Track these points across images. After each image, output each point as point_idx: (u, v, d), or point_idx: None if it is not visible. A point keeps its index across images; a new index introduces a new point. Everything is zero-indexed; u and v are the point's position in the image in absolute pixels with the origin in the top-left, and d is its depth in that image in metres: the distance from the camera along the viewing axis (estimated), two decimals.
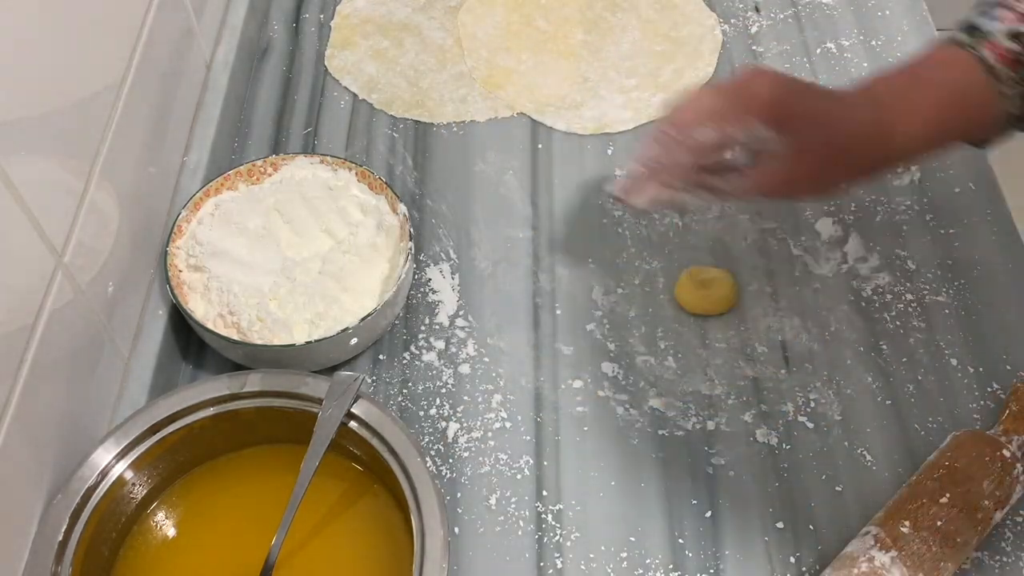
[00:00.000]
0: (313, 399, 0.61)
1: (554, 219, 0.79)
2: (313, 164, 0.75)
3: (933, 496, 0.61)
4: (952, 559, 0.60)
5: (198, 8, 0.82)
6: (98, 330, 0.64)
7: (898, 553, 0.59)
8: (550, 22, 0.92)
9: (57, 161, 0.59)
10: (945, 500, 0.61)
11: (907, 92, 0.64)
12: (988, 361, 0.71)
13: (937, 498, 0.61)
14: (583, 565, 0.62)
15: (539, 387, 0.70)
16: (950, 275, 0.75)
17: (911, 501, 0.61)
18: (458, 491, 0.65)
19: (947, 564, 0.59)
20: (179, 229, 0.71)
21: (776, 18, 0.93)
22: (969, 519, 0.60)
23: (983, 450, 0.63)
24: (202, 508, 0.63)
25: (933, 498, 0.61)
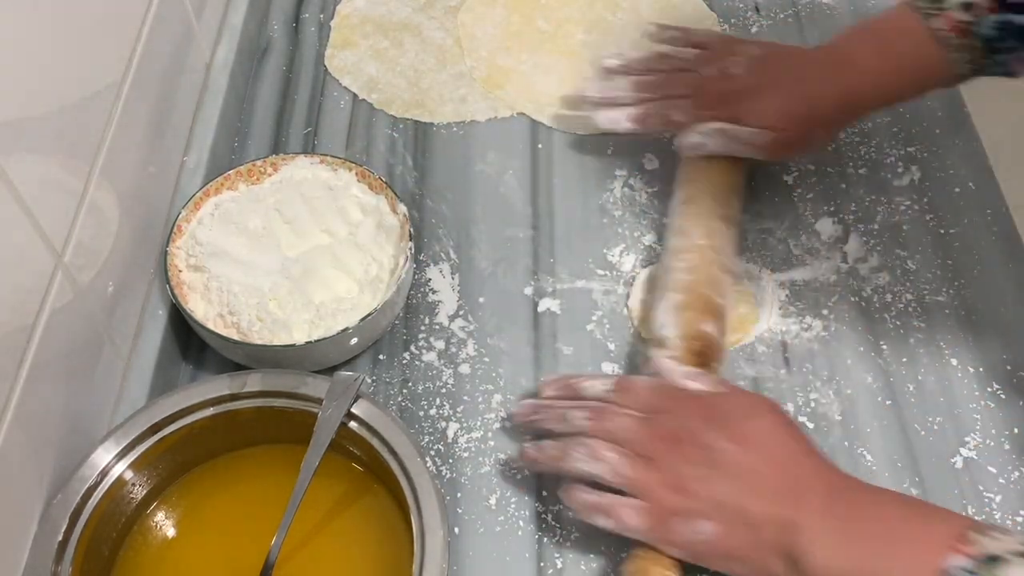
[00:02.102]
0: (313, 399, 0.61)
1: (554, 219, 0.79)
2: (313, 164, 0.75)
3: None
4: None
5: (198, 8, 0.82)
6: (98, 330, 0.64)
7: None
8: (550, 22, 0.92)
9: (57, 161, 0.59)
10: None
11: (868, 57, 0.72)
12: (988, 361, 0.71)
13: None
14: (583, 565, 0.62)
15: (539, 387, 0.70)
16: (950, 275, 0.75)
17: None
18: (458, 491, 0.65)
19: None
20: (179, 229, 0.71)
21: (776, 18, 0.93)
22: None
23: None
24: (202, 508, 0.63)
25: None
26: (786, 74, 0.75)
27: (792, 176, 0.81)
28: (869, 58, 0.72)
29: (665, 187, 0.80)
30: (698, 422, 0.58)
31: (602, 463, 0.58)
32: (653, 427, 0.59)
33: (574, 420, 0.61)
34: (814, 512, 0.54)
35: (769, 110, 0.73)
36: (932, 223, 0.78)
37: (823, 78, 0.73)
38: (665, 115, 0.76)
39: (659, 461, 0.57)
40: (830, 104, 0.73)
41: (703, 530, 0.55)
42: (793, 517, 0.54)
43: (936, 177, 0.81)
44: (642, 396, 0.61)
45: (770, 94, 0.73)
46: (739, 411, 0.59)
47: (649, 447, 0.58)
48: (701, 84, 0.76)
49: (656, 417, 0.59)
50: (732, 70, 0.75)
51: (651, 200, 0.80)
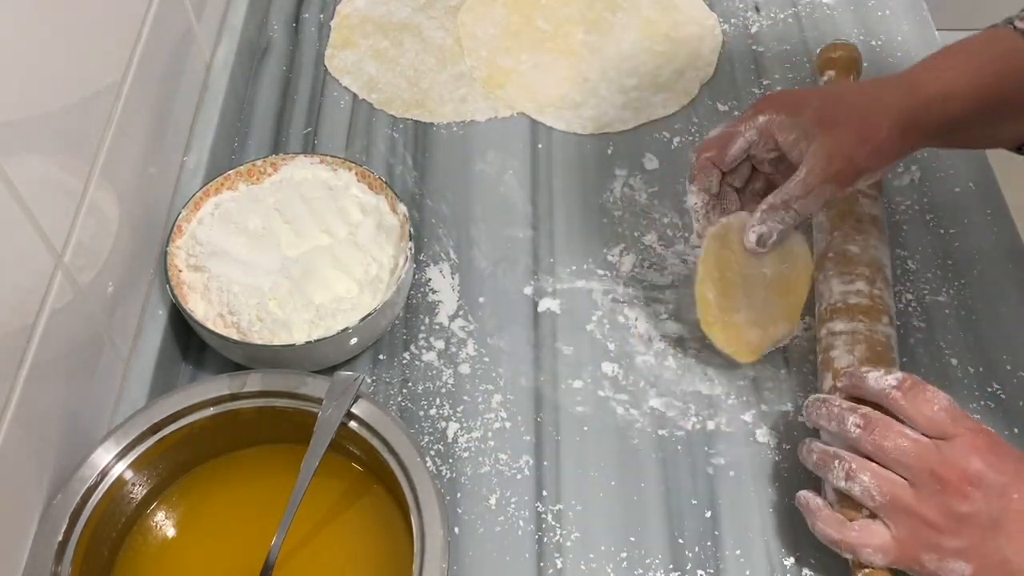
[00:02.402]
0: (313, 399, 0.61)
1: (554, 219, 0.79)
2: (313, 164, 0.75)
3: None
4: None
5: (198, 8, 0.82)
6: (98, 330, 0.64)
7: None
8: (550, 22, 0.92)
9: (57, 161, 0.59)
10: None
11: (940, 62, 0.65)
12: (988, 361, 0.71)
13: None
14: (583, 565, 0.62)
15: (539, 387, 0.70)
16: (950, 275, 0.75)
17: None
18: (458, 491, 0.65)
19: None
20: (179, 229, 0.71)
21: (776, 18, 0.93)
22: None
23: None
24: (202, 508, 0.63)
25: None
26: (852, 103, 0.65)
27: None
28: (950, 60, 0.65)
29: (665, 187, 0.81)
30: (983, 461, 0.54)
31: (856, 484, 0.56)
32: (938, 456, 0.55)
33: (848, 426, 0.58)
34: None
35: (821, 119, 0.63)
36: (932, 223, 0.78)
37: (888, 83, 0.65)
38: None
39: (930, 492, 0.55)
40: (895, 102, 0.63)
41: (959, 570, 0.54)
42: None
43: (936, 177, 0.81)
44: (933, 411, 0.57)
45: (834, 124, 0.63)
46: (1018, 456, 0.56)
47: (924, 477, 0.55)
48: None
49: (941, 444, 0.56)
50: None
51: (651, 200, 0.80)
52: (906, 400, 0.57)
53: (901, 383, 0.58)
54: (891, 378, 0.58)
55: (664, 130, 0.85)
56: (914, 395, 0.57)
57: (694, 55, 0.90)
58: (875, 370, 0.60)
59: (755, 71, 0.89)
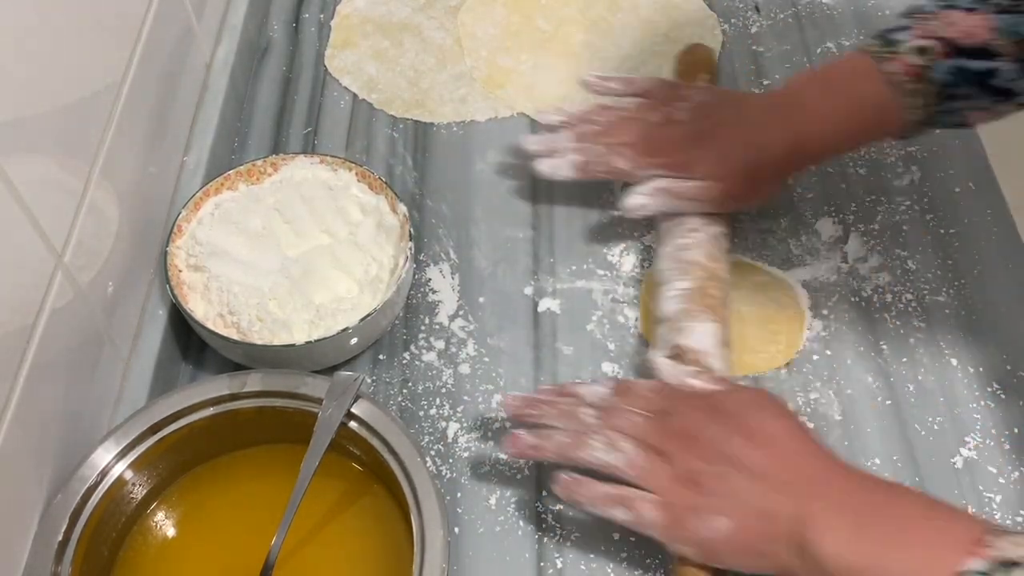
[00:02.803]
0: (313, 399, 0.61)
1: (554, 219, 0.79)
2: (313, 164, 0.75)
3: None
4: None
5: (198, 8, 0.82)
6: (98, 330, 0.64)
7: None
8: (550, 22, 0.92)
9: (57, 161, 0.59)
10: None
11: (819, 101, 0.70)
12: (988, 361, 0.71)
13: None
14: (583, 565, 0.62)
15: (539, 387, 0.70)
16: (950, 275, 0.75)
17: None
18: (458, 491, 0.65)
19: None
20: (179, 229, 0.71)
21: (776, 18, 0.93)
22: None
23: None
24: (202, 508, 0.63)
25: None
26: (732, 119, 0.73)
27: (792, 176, 0.81)
28: (820, 102, 0.70)
29: None
30: (706, 420, 0.58)
31: (620, 453, 0.58)
32: (664, 424, 0.59)
33: (583, 417, 0.60)
34: (829, 505, 0.53)
35: (713, 157, 0.71)
36: (932, 223, 0.78)
37: (771, 123, 0.71)
38: (608, 162, 0.74)
39: (671, 457, 0.57)
40: (778, 150, 0.71)
41: (717, 526, 0.55)
42: (807, 509, 0.53)
43: (936, 177, 0.81)
44: (644, 397, 0.61)
45: (715, 140, 0.72)
46: (745, 407, 0.59)
47: (661, 443, 0.58)
48: (645, 131, 0.74)
49: (664, 416, 0.59)
50: (677, 116, 0.74)
51: None
52: (622, 399, 0.61)
53: (613, 388, 0.62)
54: (601, 388, 0.62)
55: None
56: (625, 391, 0.61)
57: None
58: (583, 384, 0.63)
59: (755, 71, 0.89)
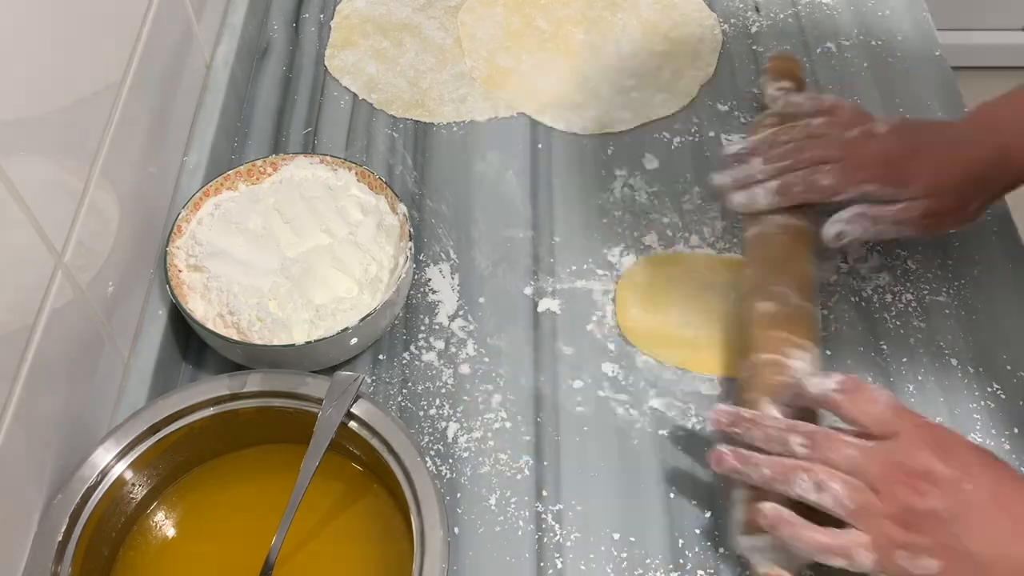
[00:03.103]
0: (313, 399, 0.61)
1: (554, 219, 0.79)
2: (313, 164, 0.75)
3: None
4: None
5: (198, 8, 0.82)
6: (98, 330, 0.64)
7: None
8: (550, 22, 0.92)
9: (57, 161, 0.59)
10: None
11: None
12: (988, 361, 0.71)
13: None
14: (583, 565, 0.62)
15: (539, 387, 0.70)
16: (950, 275, 0.75)
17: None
18: (458, 491, 0.65)
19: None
20: (179, 229, 0.71)
21: (776, 18, 0.93)
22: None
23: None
24: (202, 508, 0.63)
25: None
26: (939, 136, 0.70)
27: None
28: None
29: (665, 187, 0.81)
30: (931, 455, 0.55)
31: (828, 494, 0.55)
32: (885, 457, 0.56)
33: (792, 446, 0.58)
34: None
35: (930, 170, 0.68)
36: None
37: (977, 138, 0.69)
38: (812, 181, 0.70)
39: (887, 493, 0.55)
40: (986, 163, 0.68)
41: (927, 566, 0.54)
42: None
43: None
44: (878, 411, 0.57)
45: (932, 153, 0.68)
46: (966, 447, 0.57)
47: (878, 479, 0.55)
48: (848, 145, 0.70)
49: (888, 445, 0.56)
50: (878, 130, 0.70)
51: (651, 200, 0.80)
52: (850, 402, 0.58)
53: (843, 385, 0.58)
54: (831, 382, 0.58)
55: (664, 130, 0.85)
56: (856, 396, 0.58)
57: (694, 55, 0.90)
58: (813, 376, 0.60)
59: (755, 71, 0.89)
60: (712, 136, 0.84)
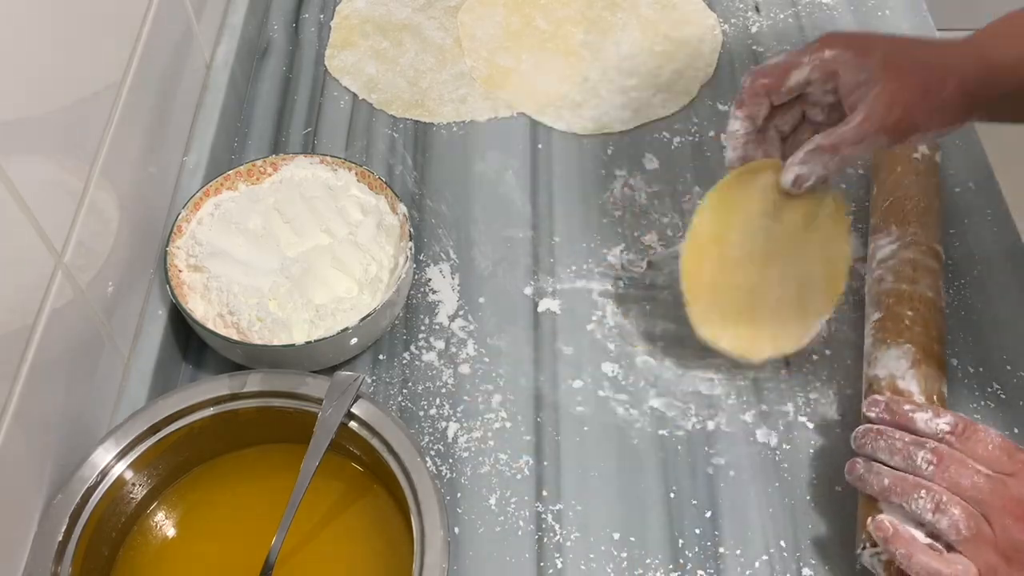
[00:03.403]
0: (313, 399, 0.61)
1: (554, 219, 0.79)
2: (313, 164, 0.75)
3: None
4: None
5: (198, 8, 0.82)
6: (98, 330, 0.64)
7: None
8: (550, 22, 0.92)
9: (57, 161, 0.59)
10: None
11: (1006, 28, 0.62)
12: (988, 361, 0.71)
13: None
14: (583, 565, 0.62)
15: (539, 387, 0.70)
16: (950, 275, 0.75)
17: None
18: (458, 491, 0.65)
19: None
20: (179, 229, 0.71)
21: (776, 18, 0.93)
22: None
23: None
24: (202, 508, 0.63)
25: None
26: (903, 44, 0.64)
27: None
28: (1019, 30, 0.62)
29: (665, 187, 0.81)
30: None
31: (946, 517, 0.55)
32: (1003, 492, 0.55)
33: (919, 462, 0.57)
34: None
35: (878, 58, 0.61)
36: None
37: (954, 47, 0.63)
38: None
39: (1001, 527, 0.55)
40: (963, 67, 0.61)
41: None
42: None
43: None
44: (989, 451, 0.57)
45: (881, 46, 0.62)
46: None
47: (995, 511, 0.55)
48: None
49: (1006, 479, 0.56)
50: None
51: (651, 200, 0.80)
52: (961, 444, 0.58)
53: (954, 428, 0.58)
54: (943, 422, 0.58)
55: (664, 130, 0.85)
56: (968, 438, 0.58)
57: (694, 55, 0.90)
58: (921, 410, 0.59)
59: None
60: (712, 136, 0.84)
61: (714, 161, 0.81)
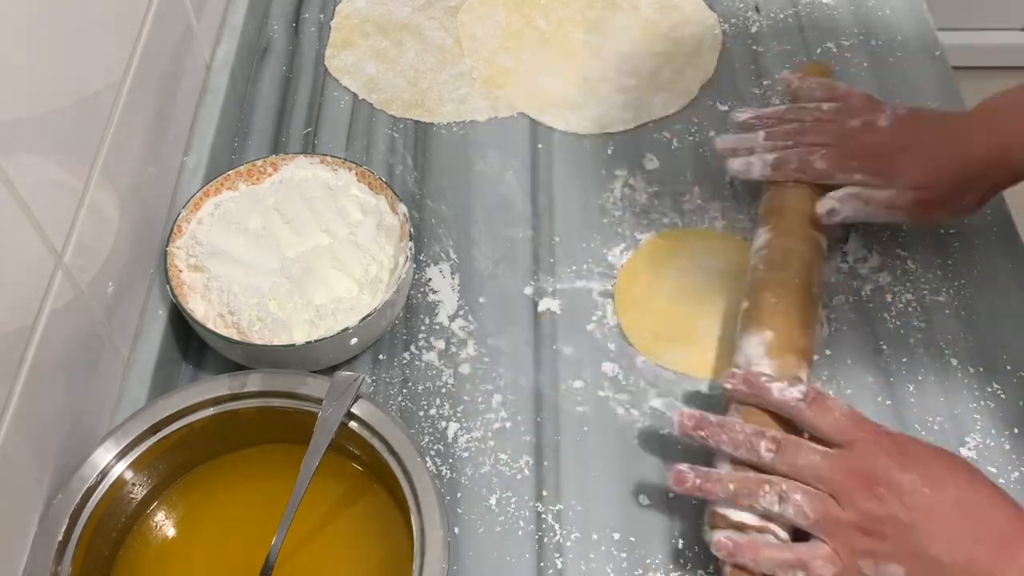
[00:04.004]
0: (313, 399, 0.61)
1: (554, 219, 0.79)
2: (313, 164, 0.75)
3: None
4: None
5: (198, 8, 0.82)
6: (98, 330, 0.64)
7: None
8: (550, 22, 0.92)
9: (57, 161, 0.59)
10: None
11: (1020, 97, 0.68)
12: (988, 361, 0.71)
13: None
14: (583, 565, 0.62)
15: (539, 387, 0.70)
16: (950, 275, 0.75)
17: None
18: (458, 491, 0.65)
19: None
20: (179, 229, 0.71)
21: (776, 18, 0.93)
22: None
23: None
24: (202, 508, 0.63)
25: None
26: (936, 132, 0.71)
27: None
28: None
29: (665, 187, 0.81)
30: (890, 461, 0.56)
31: (790, 505, 0.56)
32: (845, 464, 0.57)
33: (761, 452, 0.58)
34: (1015, 564, 0.52)
35: (917, 164, 0.69)
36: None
37: (976, 131, 0.69)
38: (806, 161, 0.72)
39: (849, 500, 0.56)
40: (983, 157, 0.68)
41: (892, 573, 0.54)
42: (991, 568, 0.52)
43: None
44: (835, 418, 0.58)
45: (920, 148, 0.70)
46: (932, 455, 0.57)
47: (840, 485, 0.56)
48: (845, 134, 0.73)
49: (847, 452, 0.57)
50: (879, 123, 0.72)
51: (651, 200, 0.80)
52: (811, 411, 0.59)
53: (806, 395, 0.59)
54: (795, 391, 0.60)
55: (664, 130, 0.85)
56: (817, 406, 0.59)
57: (694, 55, 0.90)
58: (776, 381, 0.61)
59: (755, 71, 0.89)
60: (712, 136, 0.84)
61: (714, 161, 0.81)
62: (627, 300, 0.74)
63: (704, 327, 0.72)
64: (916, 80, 0.87)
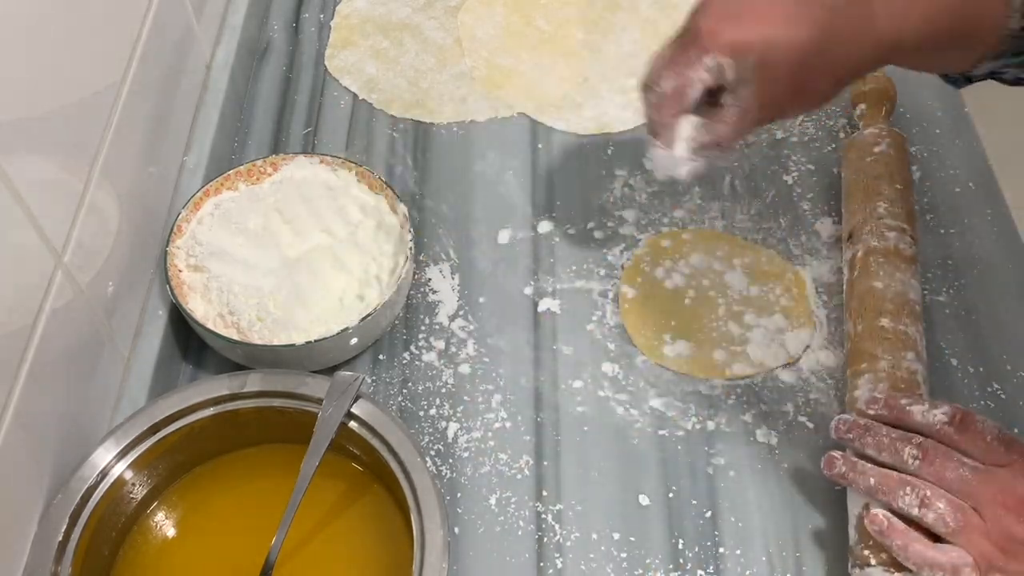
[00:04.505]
0: (313, 399, 0.61)
1: (554, 219, 0.79)
2: (313, 164, 0.75)
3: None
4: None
5: (198, 8, 0.82)
6: (98, 330, 0.64)
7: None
8: (550, 22, 0.92)
9: (57, 161, 0.59)
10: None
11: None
12: (988, 361, 0.71)
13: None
14: (583, 565, 0.62)
15: (539, 387, 0.70)
16: (950, 275, 0.75)
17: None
18: (458, 491, 0.65)
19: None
20: (179, 229, 0.71)
21: None
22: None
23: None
24: (202, 508, 0.63)
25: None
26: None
27: (792, 176, 0.81)
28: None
29: (665, 187, 0.81)
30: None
31: (930, 511, 0.56)
32: (997, 481, 0.56)
33: (905, 458, 0.58)
34: None
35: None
36: (932, 223, 0.78)
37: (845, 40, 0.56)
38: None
39: (991, 517, 0.55)
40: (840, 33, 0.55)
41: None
42: None
43: (936, 177, 0.81)
44: (986, 442, 0.57)
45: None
46: None
47: (984, 503, 0.56)
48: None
49: (997, 470, 0.56)
50: None
51: (651, 200, 0.80)
52: (960, 436, 0.58)
53: (952, 418, 0.58)
54: (939, 413, 0.58)
55: None
56: (965, 428, 0.58)
57: None
58: (918, 403, 0.60)
59: None
60: None
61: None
62: (627, 300, 0.73)
63: (704, 327, 0.72)
64: (916, 80, 0.87)
